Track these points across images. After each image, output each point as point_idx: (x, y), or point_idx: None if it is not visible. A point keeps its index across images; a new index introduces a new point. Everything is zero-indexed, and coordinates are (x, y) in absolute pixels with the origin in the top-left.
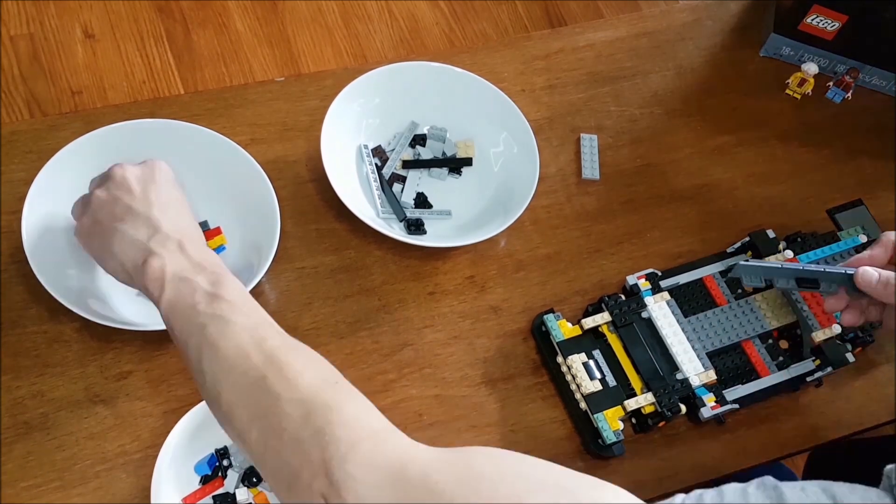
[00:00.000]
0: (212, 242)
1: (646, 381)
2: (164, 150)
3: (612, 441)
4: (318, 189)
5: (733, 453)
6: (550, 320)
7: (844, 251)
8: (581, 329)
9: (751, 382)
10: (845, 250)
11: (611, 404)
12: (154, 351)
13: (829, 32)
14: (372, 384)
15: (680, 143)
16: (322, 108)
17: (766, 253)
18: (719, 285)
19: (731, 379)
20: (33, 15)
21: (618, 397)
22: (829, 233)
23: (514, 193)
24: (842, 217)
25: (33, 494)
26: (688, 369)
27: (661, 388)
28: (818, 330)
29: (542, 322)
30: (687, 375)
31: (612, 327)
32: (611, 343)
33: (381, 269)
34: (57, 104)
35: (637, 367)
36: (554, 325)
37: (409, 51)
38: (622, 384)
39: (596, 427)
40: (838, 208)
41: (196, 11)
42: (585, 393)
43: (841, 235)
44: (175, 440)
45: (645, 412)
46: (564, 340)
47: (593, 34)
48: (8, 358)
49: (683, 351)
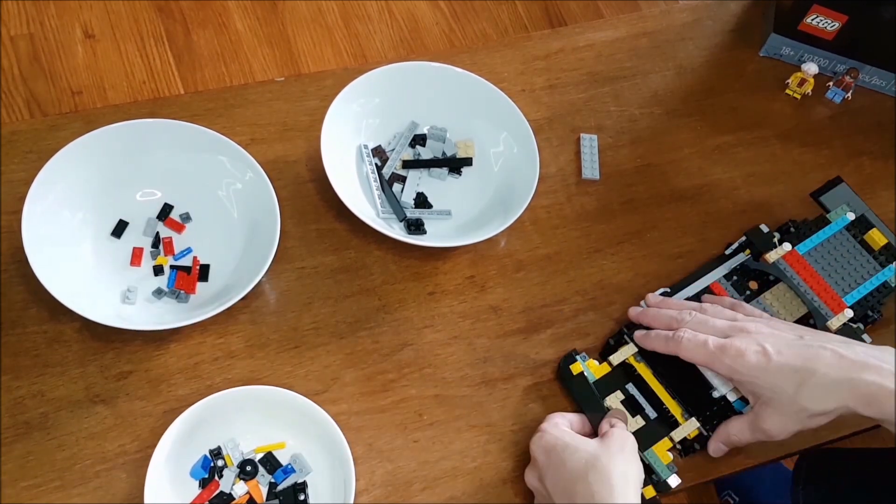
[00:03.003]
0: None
1: (685, 406)
2: (164, 150)
3: (667, 475)
4: (318, 189)
5: (732, 453)
6: (581, 364)
7: (837, 232)
8: (610, 366)
9: None
10: (838, 231)
11: (657, 438)
12: (154, 351)
13: (829, 32)
14: (372, 384)
15: (680, 143)
16: (322, 108)
17: (764, 249)
18: (727, 290)
19: None
20: (33, 15)
21: (662, 429)
22: (818, 217)
23: (514, 193)
24: (826, 199)
25: (33, 494)
26: (720, 386)
27: (703, 412)
28: (832, 318)
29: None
30: (723, 392)
31: (639, 357)
32: (641, 374)
33: (381, 269)
34: (57, 104)
35: (672, 392)
36: (585, 367)
37: (409, 51)
38: (662, 414)
39: (648, 464)
40: (820, 190)
41: (196, 11)
42: (631, 431)
43: (830, 217)
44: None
45: (690, 437)
46: (597, 381)
47: (593, 34)
48: (8, 358)
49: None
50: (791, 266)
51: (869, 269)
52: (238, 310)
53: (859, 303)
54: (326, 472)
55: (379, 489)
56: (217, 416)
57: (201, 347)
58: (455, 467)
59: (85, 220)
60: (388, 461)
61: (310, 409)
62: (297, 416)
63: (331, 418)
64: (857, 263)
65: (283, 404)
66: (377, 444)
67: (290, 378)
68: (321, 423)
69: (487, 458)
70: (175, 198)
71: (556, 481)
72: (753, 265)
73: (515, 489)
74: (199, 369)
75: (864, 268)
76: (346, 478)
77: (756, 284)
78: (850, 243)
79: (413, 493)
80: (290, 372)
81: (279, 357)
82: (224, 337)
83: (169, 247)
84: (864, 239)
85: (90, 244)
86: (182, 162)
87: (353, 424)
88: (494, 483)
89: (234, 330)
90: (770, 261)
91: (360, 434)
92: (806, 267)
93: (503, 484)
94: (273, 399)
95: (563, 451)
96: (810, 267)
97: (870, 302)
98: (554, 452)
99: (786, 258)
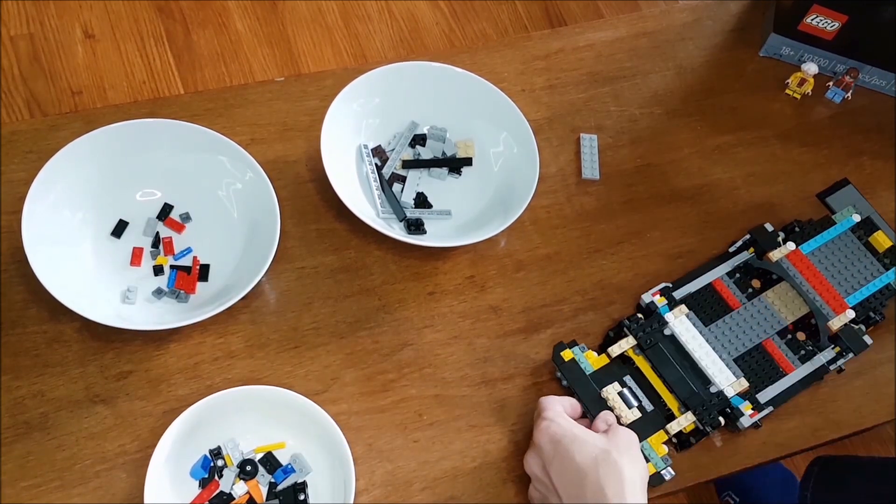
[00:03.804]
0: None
1: (682, 399)
2: (164, 150)
3: (662, 468)
4: (318, 189)
5: (732, 453)
6: (577, 353)
7: (842, 233)
8: (608, 357)
9: (779, 381)
10: (843, 232)
11: (653, 430)
12: (154, 351)
13: (829, 32)
14: (372, 384)
15: (680, 143)
16: (322, 108)
17: (768, 248)
18: (729, 287)
19: (760, 382)
20: (33, 15)
21: (658, 422)
22: (823, 217)
23: (513, 193)
24: (832, 200)
25: (33, 494)
26: (720, 381)
27: (699, 406)
28: (833, 318)
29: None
30: (721, 387)
31: (638, 350)
32: (639, 366)
33: (381, 269)
34: (57, 104)
35: (670, 386)
36: (581, 357)
37: (409, 51)
38: (658, 406)
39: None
40: (826, 191)
41: (196, 11)
42: (626, 423)
43: (835, 218)
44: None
45: (686, 431)
46: (594, 372)
47: (593, 34)
48: (8, 358)
49: (712, 363)
50: (794, 265)
51: (872, 270)
52: (238, 310)
53: (861, 304)
54: (326, 472)
55: (379, 489)
56: (217, 416)
57: (201, 347)
58: (455, 467)
59: (85, 219)
60: (387, 461)
61: (310, 409)
62: (296, 416)
63: (331, 418)
64: (861, 265)
65: (282, 404)
66: (377, 444)
67: (290, 378)
68: (321, 423)
69: (487, 458)
70: (175, 198)
71: (562, 472)
72: (757, 263)
73: (515, 489)
74: (199, 369)
75: (868, 269)
76: (345, 478)
77: (759, 283)
78: (855, 245)
79: (413, 493)
80: (290, 372)
81: (279, 357)
82: (224, 337)
83: (169, 247)
84: (869, 241)
85: (90, 244)
86: (182, 162)
87: (353, 424)
88: (494, 483)
89: (234, 330)
90: (773, 259)
91: (360, 434)
92: (809, 267)
93: (503, 484)
94: (273, 399)
95: (572, 444)
96: (813, 267)
97: (872, 304)
98: (561, 444)
99: (789, 257)
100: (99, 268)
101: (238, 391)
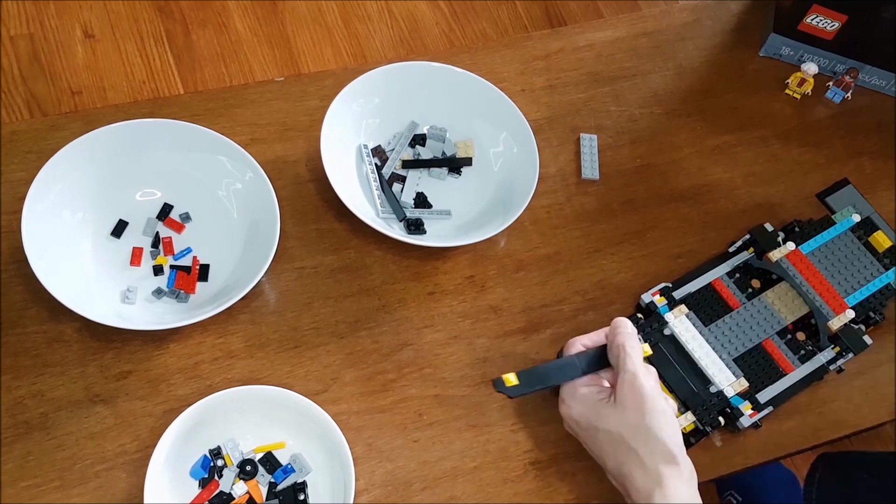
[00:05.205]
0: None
1: (682, 399)
2: (164, 150)
3: None
4: (318, 189)
5: (732, 453)
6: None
7: (842, 233)
8: None
9: (779, 381)
10: (843, 232)
11: None
12: (154, 351)
13: (829, 32)
14: (372, 384)
15: (680, 143)
16: (322, 108)
17: (768, 248)
18: (729, 287)
19: (760, 382)
20: (33, 15)
21: None
22: (823, 217)
23: (513, 193)
24: (832, 200)
25: (33, 494)
26: (720, 381)
27: (699, 406)
28: (833, 318)
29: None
30: (721, 387)
31: None
32: None
33: (381, 269)
34: (57, 104)
35: (670, 386)
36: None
37: (409, 51)
38: None
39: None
40: (826, 191)
41: (196, 11)
42: None
43: (835, 218)
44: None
45: (686, 431)
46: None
47: (593, 34)
48: (8, 358)
49: (712, 363)
50: (794, 265)
51: (872, 270)
52: (238, 310)
53: (861, 304)
54: (326, 472)
55: (379, 489)
56: (217, 416)
57: (201, 347)
58: (455, 467)
59: (85, 219)
60: (387, 461)
61: (310, 409)
62: (296, 416)
63: (331, 418)
64: (861, 265)
65: (282, 404)
66: (377, 444)
67: (290, 378)
68: (321, 422)
69: (487, 458)
70: (175, 198)
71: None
72: (757, 263)
73: (515, 489)
74: (198, 369)
75: (868, 269)
76: (345, 478)
77: (759, 283)
78: (855, 245)
79: (413, 493)
80: (289, 372)
81: (279, 357)
82: (224, 337)
83: (169, 247)
84: (869, 241)
85: (90, 244)
86: (182, 162)
87: (352, 424)
88: (494, 483)
89: (234, 330)
90: (773, 259)
91: (360, 434)
92: (809, 267)
93: (503, 484)
94: (273, 399)
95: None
96: (813, 267)
97: (872, 304)
98: (583, 430)
99: (789, 257)
100: (99, 268)
101: (238, 391)
